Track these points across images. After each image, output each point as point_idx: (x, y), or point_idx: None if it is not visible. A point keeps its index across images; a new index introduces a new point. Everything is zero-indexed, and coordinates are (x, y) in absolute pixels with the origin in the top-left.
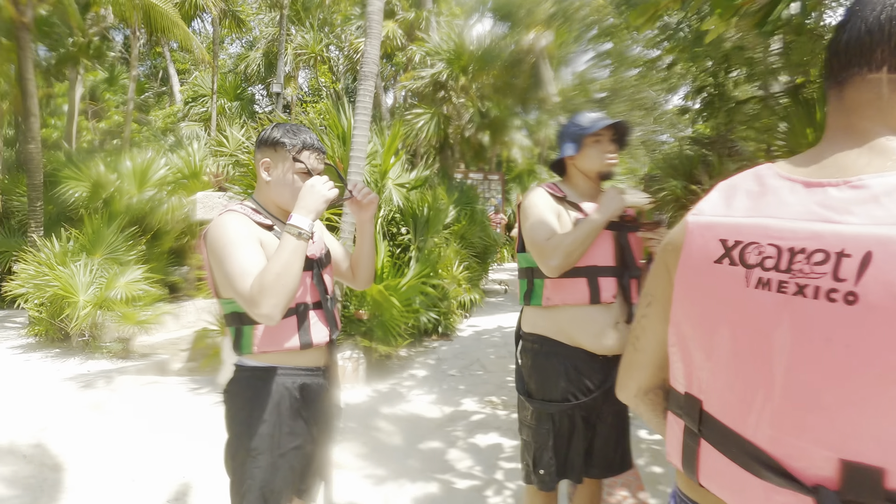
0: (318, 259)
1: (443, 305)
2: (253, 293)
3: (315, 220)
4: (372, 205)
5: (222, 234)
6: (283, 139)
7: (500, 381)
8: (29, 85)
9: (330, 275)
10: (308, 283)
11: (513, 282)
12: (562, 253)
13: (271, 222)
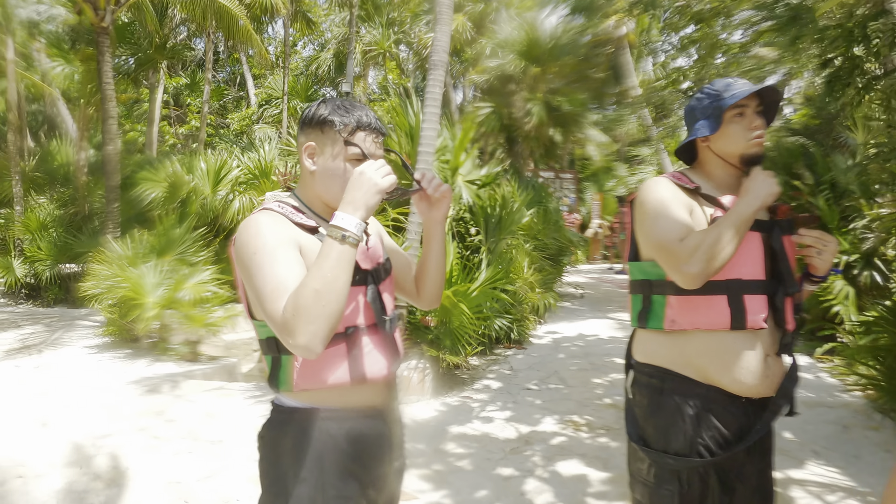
0: (375, 270)
1: (515, 311)
2: (286, 318)
3: (366, 219)
4: (444, 201)
5: (251, 240)
6: (331, 117)
7: (582, 398)
8: (107, 88)
9: (391, 289)
10: (360, 301)
11: (589, 284)
12: (703, 257)
13: (316, 223)
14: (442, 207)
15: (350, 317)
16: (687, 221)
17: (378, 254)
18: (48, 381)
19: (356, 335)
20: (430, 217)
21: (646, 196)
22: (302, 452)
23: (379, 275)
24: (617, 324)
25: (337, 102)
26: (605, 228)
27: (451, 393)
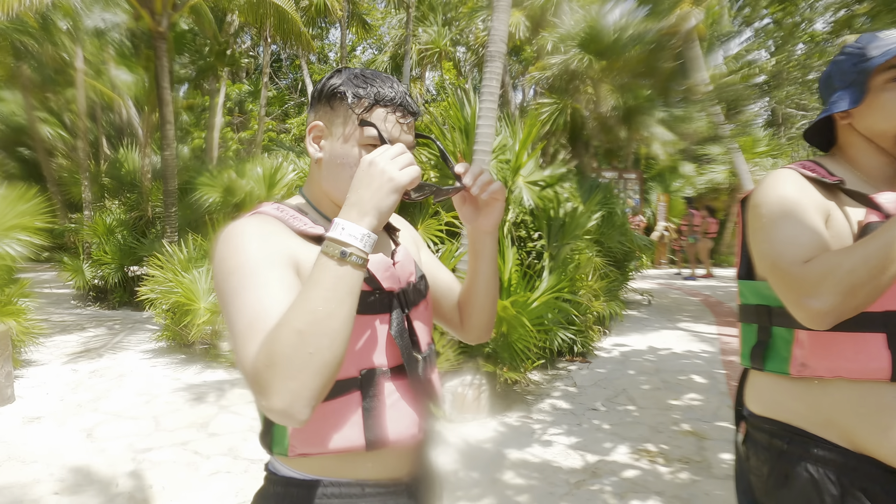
0: (403, 292)
1: (579, 321)
2: (257, 368)
3: (378, 227)
4: (495, 205)
5: (229, 256)
6: (342, 87)
7: (656, 422)
8: (164, 93)
9: (427, 318)
10: (382, 335)
11: (656, 291)
12: (838, 288)
13: (323, 230)
14: (492, 214)
15: (366, 355)
16: (818, 233)
17: (409, 270)
18: (101, 386)
19: (375, 381)
20: (477, 226)
21: (763, 195)
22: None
23: (409, 299)
24: (690, 336)
25: (355, 72)
26: (672, 231)
27: (510, 412)
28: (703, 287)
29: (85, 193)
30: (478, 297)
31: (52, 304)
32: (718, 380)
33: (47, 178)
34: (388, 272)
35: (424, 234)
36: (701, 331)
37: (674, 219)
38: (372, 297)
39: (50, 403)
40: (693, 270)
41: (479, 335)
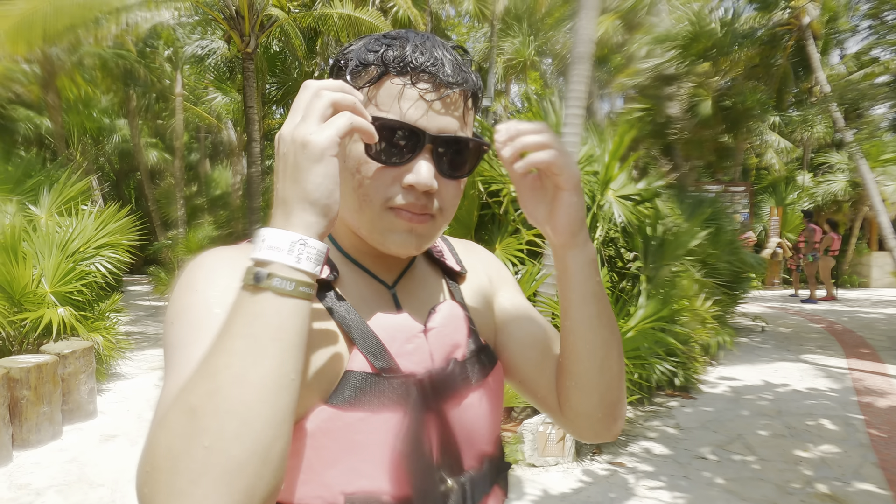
0: (434, 376)
1: (681, 352)
2: (137, 482)
3: (320, 221)
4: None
5: (176, 299)
6: (349, 55)
7: (782, 480)
8: (251, 113)
9: (483, 413)
10: (384, 442)
11: (770, 316)
12: None
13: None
14: (561, 207)
15: (357, 474)
16: None
17: (453, 341)
18: None
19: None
20: (550, 231)
21: None
22: None
23: (443, 387)
24: (815, 370)
25: (377, 36)
26: (786, 248)
27: (599, 457)
28: (825, 311)
29: (180, 211)
30: (576, 358)
31: (148, 316)
32: (856, 427)
33: (148, 198)
34: (411, 344)
35: (502, 255)
36: (828, 364)
37: (789, 234)
38: (375, 382)
39: (128, 421)
40: (812, 292)
41: (589, 426)
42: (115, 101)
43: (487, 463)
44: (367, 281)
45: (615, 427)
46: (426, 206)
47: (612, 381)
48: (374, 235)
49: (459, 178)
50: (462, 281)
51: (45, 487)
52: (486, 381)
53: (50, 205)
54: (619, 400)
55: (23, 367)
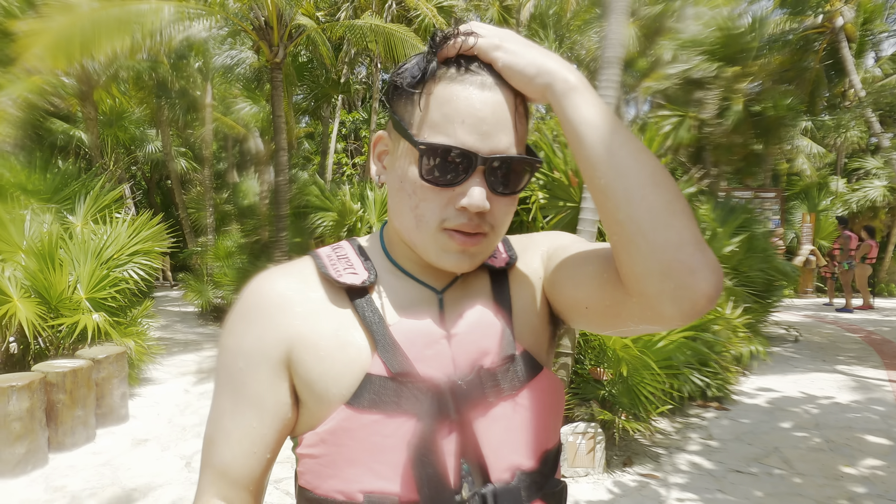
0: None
1: (713, 362)
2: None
3: None
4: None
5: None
6: (403, 74)
7: (824, 497)
8: (279, 122)
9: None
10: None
11: (804, 325)
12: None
13: (354, 281)
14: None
15: (376, 474)
16: None
17: (480, 348)
18: (206, 411)
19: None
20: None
21: None
22: None
23: (465, 395)
24: (854, 382)
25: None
26: (819, 256)
27: (630, 468)
28: (862, 321)
29: (209, 219)
30: (603, 206)
31: (179, 321)
32: None
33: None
34: (431, 350)
35: None
36: (867, 376)
37: (822, 241)
38: (393, 387)
39: (159, 425)
40: (848, 301)
41: (658, 290)
42: (148, 113)
43: (522, 477)
44: (413, 287)
45: (698, 279)
46: (479, 225)
47: (658, 214)
48: (429, 254)
49: (512, 196)
50: (512, 274)
51: (80, 490)
52: (522, 391)
53: (85, 213)
54: (683, 241)
55: (59, 371)
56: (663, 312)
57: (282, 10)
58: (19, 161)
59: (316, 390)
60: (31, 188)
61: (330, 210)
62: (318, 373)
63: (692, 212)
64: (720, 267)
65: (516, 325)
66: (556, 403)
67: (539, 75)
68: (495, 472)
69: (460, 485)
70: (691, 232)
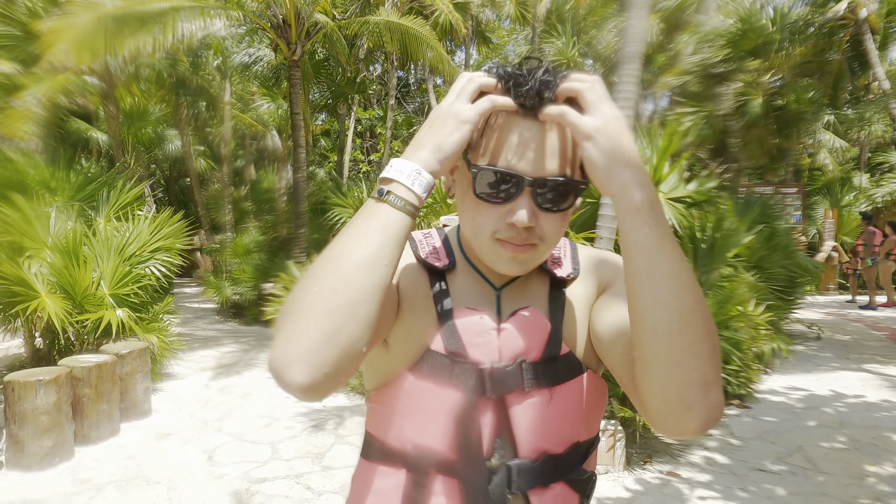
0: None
1: (735, 358)
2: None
3: (434, 164)
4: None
5: None
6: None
7: (850, 497)
8: (297, 119)
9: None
10: (446, 419)
11: (827, 322)
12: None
13: (440, 264)
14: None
15: (424, 432)
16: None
17: (525, 344)
18: (227, 405)
19: (425, 467)
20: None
21: None
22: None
23: (505, 381)
24: (880, 380)
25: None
26: (841, 252)
27: (651, 466)
28: (886, 318)
29: (227, 216)
30: (634, 321)
31: (199, 317)
32: None
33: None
34: (481, 337)
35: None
36: (893, 374)
37: (845, 238)
38: (448, 363)
39: (181, 420)
40: (872, 298)
41: (658, 409)
42: (168, 111)
43: (547, 459)
44: (477, 281)
45: (690, 416)
46: (527, 238)
47: (675, 352)
48: (485, 258)
49: (560, 213)
50: (570, 285)
51: (105, 483)
52: (561, 386)
53: (108, 210)
54: (690, 382)
55: (84, 366)
56: (654, 423)
57: (299, 7)
58: (43, 160)
59: (396, 344)
60: (55, 186)
61: (347, 207)
62: (402, 328)
63: (717, 351)
64: (720, 408)
65: (566, 329)
66: (596, 403)
67: (611, 183)
68: (523, 451)
69: (492, 454)
70: (701, 374)
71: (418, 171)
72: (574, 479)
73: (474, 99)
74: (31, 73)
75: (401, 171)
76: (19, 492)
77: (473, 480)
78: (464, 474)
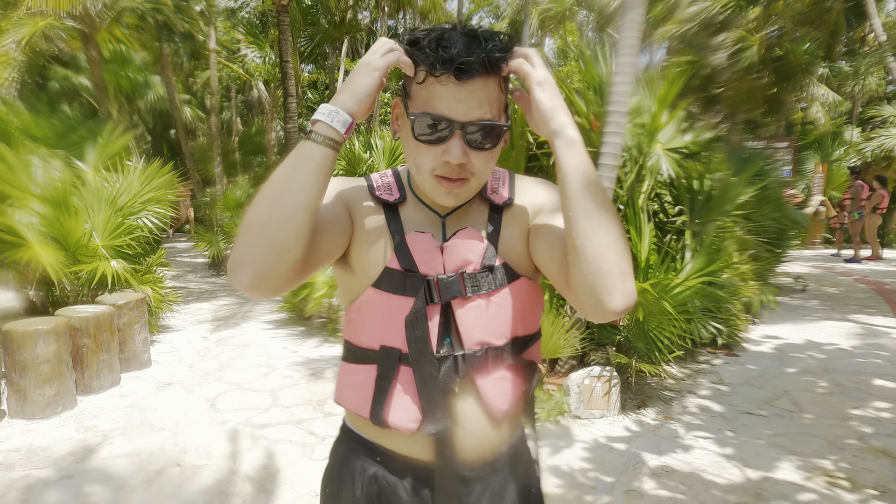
0: (441, 280)
1: (724, 309)
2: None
3: (352, 105)
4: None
5: None
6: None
7: (832, 435)
8: (287, 67)
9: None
10: (399, 320)
11: (813, 275)
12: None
13: (390, 199)
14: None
15: (388, 334)
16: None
17: (464, 258)
18: (226, 356)
19: (391, 362)
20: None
21: None
22: (335, 483)
23: (449, 288)
24: (864, 329)
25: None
26: (829, 207)
27: (645, 410)
28: (870, 271)
29: (217, 169)
30: (568, 231)
31: (191, 272)
32: None
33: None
34: (428, 255)
35: None
36: (876, 324)
37: (833, 192)
38: (402, 277)
39: (181, 370)
40: (856, 251)
41: (586, 296)
42: (150, 59)
43: (488, 349)
44: (424, 211)
45: (613, 300)
46: (460, 173)
47: (600, 249)
48: (426, 192)
49: (488, 150)
50: (507, 210)
51: (111, 430)
52: (499, 292)
53: (95, 160)
54: (611, 272)
55: (82, 316)
56: (584, 311)
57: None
58: (24, 106)
59: (359, 265)
60: (37, 134)
61: (339, 159)
62: (363, 253)
63: (628, 250)
64: (634, 295)
65: (502, 244)
66: (531, 304)
67: (552, 121)
68: (468, 344)
69: (441, 348)
70: (619, 266)
71: (336, 111)
72: (514, 366)
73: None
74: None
75: (322, 113)
76: (25, 438)
77: (426, 370)
78: (419, 365)
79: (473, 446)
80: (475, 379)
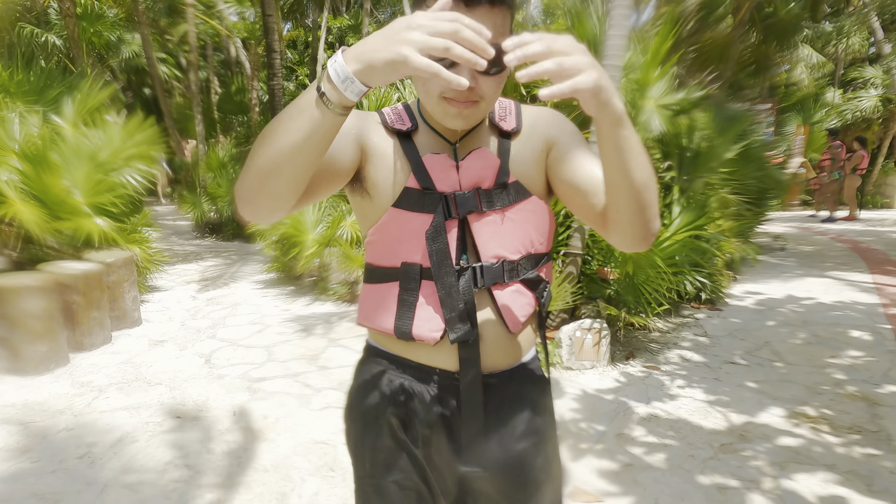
0: (458, 196)
1: (708, 265)
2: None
3: (363, 71)
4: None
5: None
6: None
7: (812, 382)
8: (270, 22)
9: (508, 228)
10: (419, 236)
11: (791, 235)
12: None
13: (403, 127)
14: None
15: (408, 251)
16: None
17: (479, 176)
18: (218, 314)
19: (412, 277)
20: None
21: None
22: (361, 400)
23: (466, 204)
24: (841, 284)
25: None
26: (809, 168)
27: (633, 361)
28: (847, 230)
29: (198, 127)
30: (614, 196)
31: (175, 234)
32: (885, 336)
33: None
34: (444, 173)
35: None
36: (852, 279)
37: (813, 154)
38: (421, 195)
39: (172, 328)
40: (832, 212)
41: (630, 241)
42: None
43: (505, 264)
44: (436, 137)
45: (646, 241)
46: (469, 96)
47: (642, 210)
48: (436, 116)
49: (495, 75)
50: (515, 137)
51: (106, 385)
52: (512, 207)
53: (74, 115)
54: (647, 224)
55: (71, 273)
56: (624, 240)
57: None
58: None
59: (377, 190)
60: (14, 90)
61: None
62: (381, 178)
63: (658, 205)
64: (659, 229)
65: (513, 165)
66: (543, 222)
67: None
68: (485, 257)
69: (460, 260)
70: (653, 221)
71: (343, 70)
72: (527, 279)
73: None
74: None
75: (331, 66)
76: (19, 394)
77: (447, 281)
78: (440, 276)
79: (493, 355)
80: (492, 290)
